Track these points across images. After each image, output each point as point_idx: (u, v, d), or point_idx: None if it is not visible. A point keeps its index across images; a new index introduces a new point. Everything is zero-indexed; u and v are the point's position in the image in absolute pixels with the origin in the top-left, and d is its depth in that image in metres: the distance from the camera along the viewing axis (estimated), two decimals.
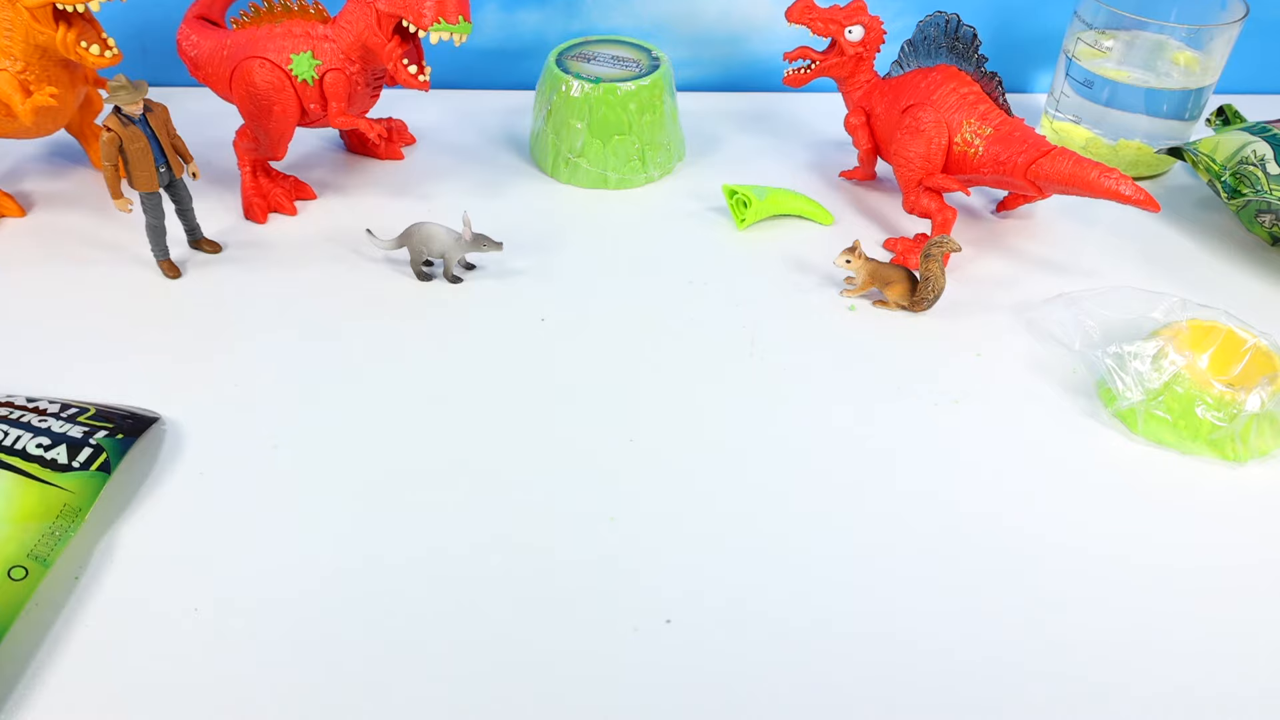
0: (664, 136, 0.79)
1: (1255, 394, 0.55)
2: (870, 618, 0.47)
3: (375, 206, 0.76)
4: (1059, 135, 0.85)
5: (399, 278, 0.68)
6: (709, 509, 0.52)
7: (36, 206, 0.74)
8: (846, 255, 0.66)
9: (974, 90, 0.69)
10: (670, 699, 0.44)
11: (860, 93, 0.76)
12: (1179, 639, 0.47)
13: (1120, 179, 0.64)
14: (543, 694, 0.43)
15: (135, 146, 0.61)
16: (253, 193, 0.73)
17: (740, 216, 0.75)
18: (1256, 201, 0.71)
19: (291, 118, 0.70)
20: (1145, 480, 0.55)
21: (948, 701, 0.44)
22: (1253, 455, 0.56)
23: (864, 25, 0.73)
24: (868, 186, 0.81)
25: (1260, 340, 0.58)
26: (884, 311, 0.67)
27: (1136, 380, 0.57)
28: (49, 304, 0.64)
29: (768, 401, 0.59)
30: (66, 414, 0.53)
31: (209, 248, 0.70)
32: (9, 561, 0.45)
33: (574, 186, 0.79)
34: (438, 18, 0.65)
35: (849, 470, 0.55)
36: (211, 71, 0.72)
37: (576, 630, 0.46)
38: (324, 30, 0.68)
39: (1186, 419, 0.56)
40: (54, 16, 0.64)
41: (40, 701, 0.42)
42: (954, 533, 0.52)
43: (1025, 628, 0.47)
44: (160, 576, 0.48)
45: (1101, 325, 0.63)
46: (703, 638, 0.46)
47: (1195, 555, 0.51)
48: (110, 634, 0.45)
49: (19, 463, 0.49)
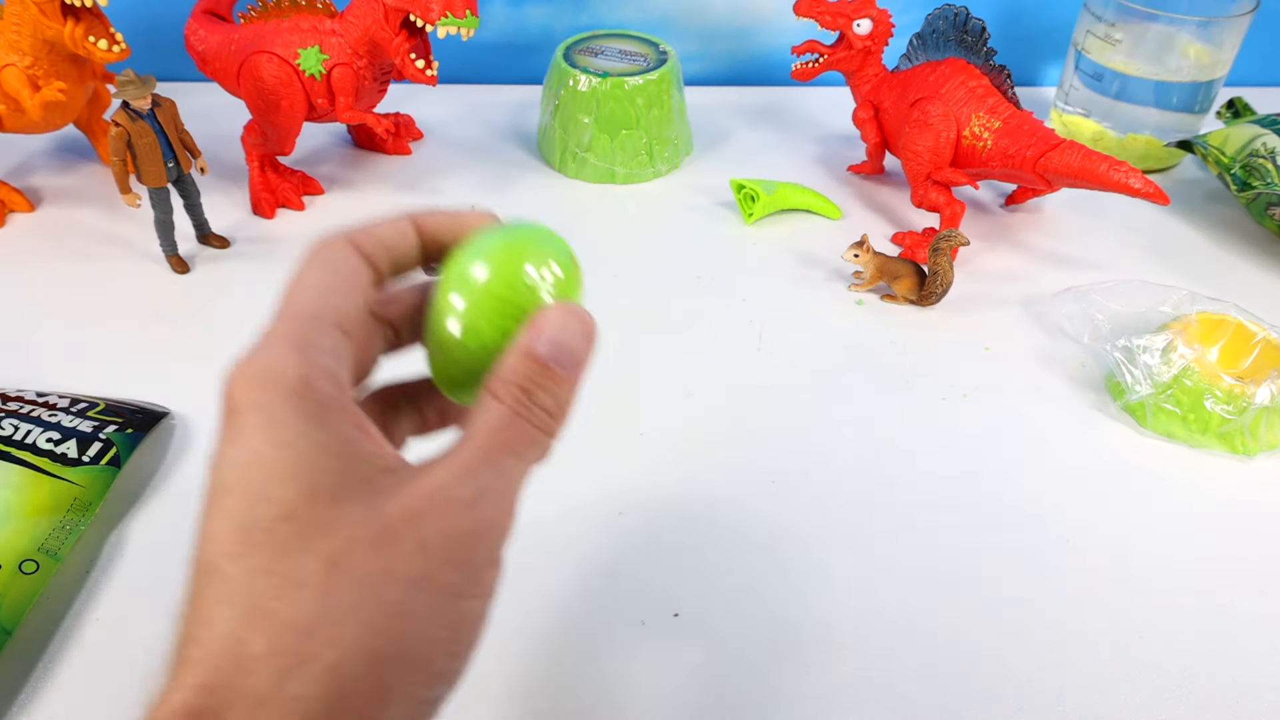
0: (671, 131, 0.79)
1: (1265, 387, 0.55)
2: (877, 610, 0.47)
3: (383, 201, 0.76)
4: (1068, 128, 0.84)
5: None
6: (717, 502, 0.52)
7: (45, 201, 0.74)
8: (855, 249, 0.66)
9: (982, 84, 0.69)
10: (678, 692, 0.44)
11: (868, 86, 0.76)
12: (1188, 632, 0.47)
13: (1129, 172, 0.64)
14: (544, 691, 0.43)
15: (143, 142, 0.61)
16: (260, 188, 0.73)
17: (748, 211, 0.75)
18: (1266, 194, 0.71)
19: (299, 113, 0.70)
20: (1154, 474, 0.55)
21: (956, 691, 0.44)
22: (1262, 448, 0.56)
23: (872, 19, 0.72)
24: (876, 180, 0.80)
25: (1270, 333, 0.58)
26: (892, 306, 0.67)
27: (1146, 374, 0.57)
28: (58, 299, 0.65)
29: (775, 395, 0.59)
30: (76, 409, 0.53)
31: (217, 243, 0.70)
32: (20, 555, 0.45)
33: (581, 181, 0.79)
34: (445, 12, 0.65)
35: (856, 464, 0.55)
36: (219, 66, 0.72)
37: (583, 623, 0.46)
38: (331, 25, 0.69)
39: (1196, 412, 0.56)
40: (62, 11, 0.64)
41: (52, 694, 0.43)
42: (962, 526, 0.52)
43: (1033, 621, 0.47)
44: (170, 570, 0.48)
45: (1110, 319, 0.63)
46: (710, 631, 0.46)
47: (1204, 548, 0.51)
48: (121, 627, 0.45)
49: (30, 457, 0.49)
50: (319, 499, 0.27)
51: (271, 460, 0.28)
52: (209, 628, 0.27)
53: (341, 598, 0.26)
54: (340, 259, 0.32)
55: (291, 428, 0.28)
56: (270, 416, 0.28)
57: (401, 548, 0.27)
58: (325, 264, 0.32)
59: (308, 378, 0.29)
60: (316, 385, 0.29)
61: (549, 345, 0.31)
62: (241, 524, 0.27)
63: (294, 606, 0.26)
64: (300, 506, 0.27)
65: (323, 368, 0.29)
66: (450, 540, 0.28)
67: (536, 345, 0.31)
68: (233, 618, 0.26)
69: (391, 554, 0.27)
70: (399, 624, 0.27)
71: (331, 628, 0.26)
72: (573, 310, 0.31)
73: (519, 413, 0.30)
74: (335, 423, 0.28)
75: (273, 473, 0.27)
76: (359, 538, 0.27)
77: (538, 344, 0.31)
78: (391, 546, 0.27)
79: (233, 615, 0.26)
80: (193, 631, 0.27)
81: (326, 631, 0.26)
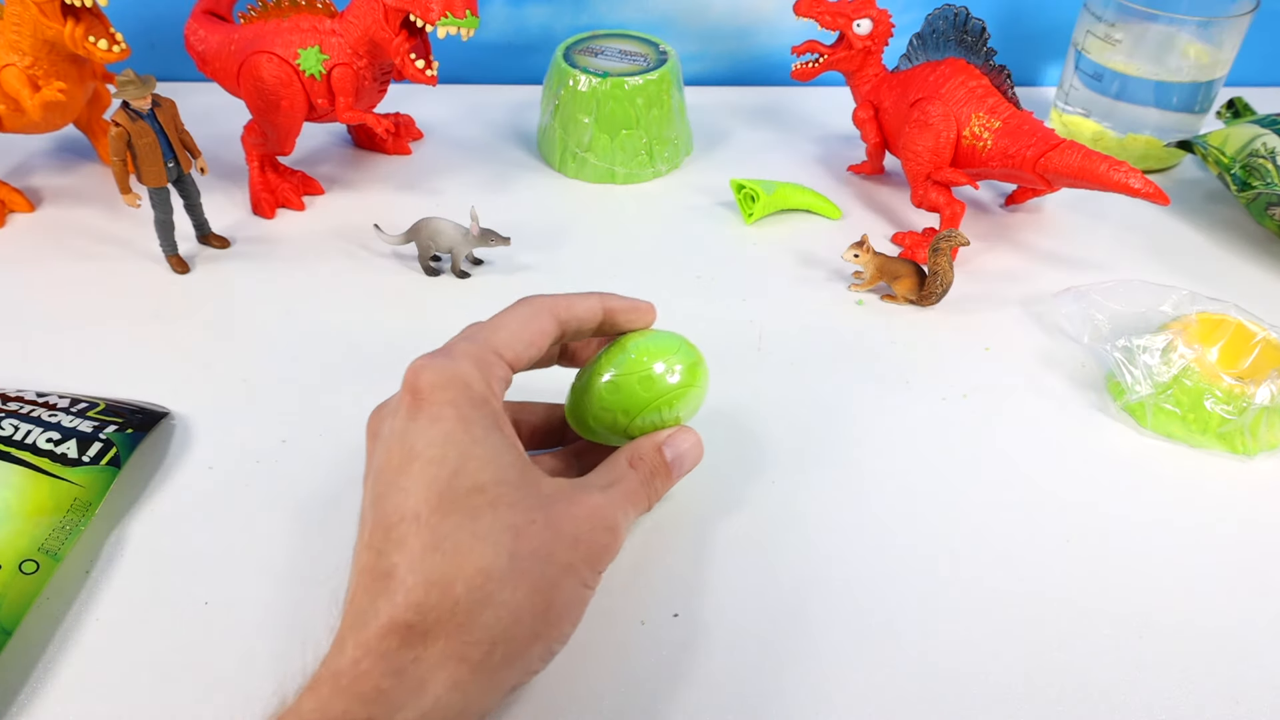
0: (671, 131, 0.79)
1: (1265, 387, 0.55)
2: (877, 609, 0.47)
3: (383, 202, 0.76)
4: (1068, 128, 0.84)
5: (406, 273, 0.68)
6: (717, 502, 0.52)
7: (45, 201, 0.74)
8: (854, 249, 0.66)
9: (982, 84, 0.69)
10: (678, 692, 0.44)
11: (868, 86, 0.76)
12: (1188, 632, 0.47)
13: (1129, 172, 0.64)
14: (544, 691, 0.43)
15: (143, 142, 0.61)
16: (260, 188, 0.73)
17: (748, 211, 0.75)
18: (1266, 194, 0.71)
19: (299, 113, 0.70)
20: (1154, 474, 0.55)
21: (956, 691, 0.44)
22: (1262, 449, 0.56)
23: (872, 19, 0.72)
24: (876, 180, 0.80)
25: (1270, 333, 0.58)
26: (892, 306, 0.67)
27: (1145, 374, 0.57)
28: (58, 299, 0.65)
29: (775, 395, 0.59)
30: (76, 409, 0.53)
31: (217, 243, 0.70)
32: (20, 555, 0.45)
33: (581, 181, 0.79)
34: (445, 12, 0.65)
35: (855, 465, 0.55)
36: (219, 66, 0.72)
37: (583, 623, 0.46)
38: (331, 25, 0.69)
39: (1196, 412, 0.56)
40: (62, 11, 0.64)
41: (52, 694, 0.42)
42: (961, 526, 0.52)
43: (1032, 620, 0.47)
44: (170, 570, 0.48)
45: (1110, 319, 0.63)
46: (710, 631, 0.46)
47: (1204, 548, 0.51)
48: (121, 627, 0.45)
49: (29, 457, 0.49)
50: (504, 483, 0.36)
51: (467, 445, 0.36)
52: (413, 562, 0.34)
53: (521, 559, 0.34)
54: (536, 317, 0.42)
55: (479, 425, 0.36)
56: (461, 412, 0.36)
57: (564, 538, 0.36)
58: (524, 318, 0.42)
59: (487, 394, 0.38)
60: (492, 401, 0.38)
61: (674, 453, 0.45)
62: (441, 489, 0.35)
63: (487, 559, 0.34)
64: (490, 485, 0.35)
65: (495, 391, 0.39)
66: (594, 546, 0.38)
67: (667, 449, 0.45)
68: (440, 559, 0.33)
69: (557, 538, 0.36)
70: (552, 588, 0.35)
71: (514, 578, 0.34)
72: (697, 441, 0.46)
73: (645, 482, 0.43)
74: (507, 432, 0.38)
75: (468, 455, 0.35)
76: (535, 519, 0.36)
77: (668, 448, 0.45)
78: (558, 533, 0.36)
79: (440, 557, 0.33)
80: (392, 561, 0.34)
81: (511, 580, 0.34)
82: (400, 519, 0.34)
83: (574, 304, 0.44)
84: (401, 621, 0.33)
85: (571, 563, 0.36)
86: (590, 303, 0.45)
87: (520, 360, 0.41)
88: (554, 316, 0.43)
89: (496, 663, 0.33)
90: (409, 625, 0.33)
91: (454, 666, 0.33)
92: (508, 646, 0.34)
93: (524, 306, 0.43)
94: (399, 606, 0.33)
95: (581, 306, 0.44)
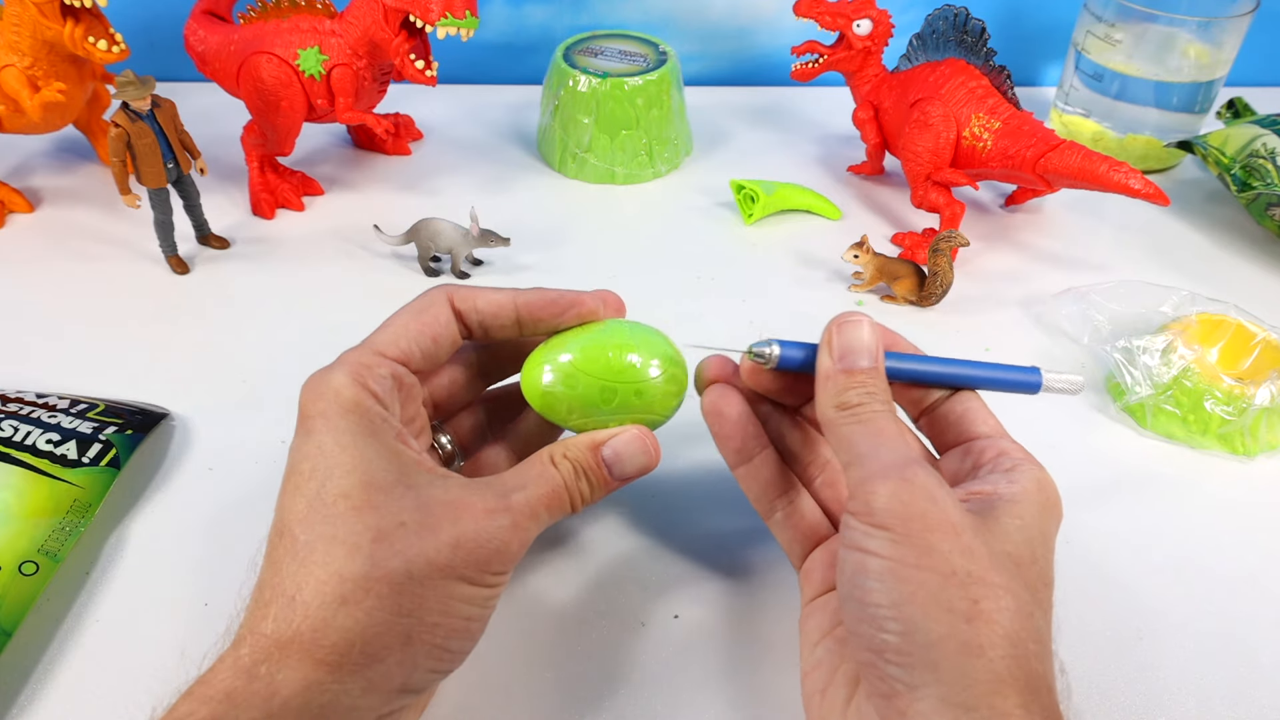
0: (671, 131, 0.79)
1: (1265, 388, 0.55)
2: None
3: (382, 202, 0.76)
4: (1068, 129, 0.84)
5: (406, 273, 0.68)
6: (717, 502, 0.52)
7: (44, 202, 0.74)
8: (854, 250, 0.66)
9: (982, 84, 0.69)
10: (678, 693, 0.44)
11: (868, 87, 0.76)
12: (1188, 632, 0.47)
13: (1129, 172, 0.64)
14: (543, 691, 0.43)
15: (143, 142, 0.61)
16: (260, 188, 0.73)
17: (748, 211, 0.75)
18: (1266, 194, 0.71)
19: (299, 113, 0.70)
20: (1154, 474, 0.55)
21: None
22: (1262, 449, 0.56)
23: (872, 19, 0.72)
24: (876, 181, 0.80)
25: (1270, 334, 0.58)
26: (892, 306, 0.67)
27: (1145, 375, 0.57)
28: (57, 299, 0.65)
29: None
30: (76, 410, 0.53)
31: (217, 243, 0.70)
32: (20, 557, 0.45)
33: (581, 182, 0.79)
34: (445, 12, 0.65)
35: None
36: (219, 67, 0.72)
37: (583, 624, 0.46)
38: (331, 25, 0.68)
39: (1196, 413, 0.56)
40: (61, 12, 0.64)
41: (52, 695, 0.42)
42: None
43: None
44: (170, 571, 0.48)
45: (1110, 319, 0.63)
46: (711, 633, 0.46)
47: (1204, 550, 0.51)
48: (121, 628, 0.45)
49: (29, 458, 0.49)
50: (371, 488, 0.36)
51: (335, 454, 0.36)
52: (273, 575, 0.35)
53: (384, 561, 0.34)
54: (429, 308, 0.42)
55: (347, 433, 0.37)
56: (330, 423, 0.37)
57: (441, 539, 0.35)
58: (415, 310, 0.42)
59: (358, 399, 0.38)
60: (365, 405, 0.38)
61: (613, 452, 0.41)
62: (310, 500, 0.35)
63: (340, 562, 0.34)
64: (355, 490, 0.35)
65: (372, 393, 0.38)
66: (480, 549, 0.36)
67: (604, 447, 0.41)
68: (295, 568, 0.34)
69: (430, 540, 0.35)
70: (422, 589, 0.35)
71: (375, 580, 0.34)
72: (645, 439, 0.42)
73: (566, 484, 0.40)
74: (382, 434, 0.37)
75: (336, 464, 0.36)
76: (405, 521, 0.35)
77: (605, 447, 0.41)
78: (433, 534, 0.35)
79: (295, 567, 0.34)
80: (262, 578, 0.35)
81: (369, 582, 0.34)
82: (277, 535, 0.36)
83: (477, 295, 0.42)
84: (260, 633, 0.34)
85: (450, 564, 0.35)
86: (497, 296, 0.43)
87: (412, 354, 0.40)
88: (449, 306, 0.42)
89: (357, 662, 0.33)
90: (264, 635, 0.33)
91: (309, 669, 0.33)
92: (369, 646, 0.33)
93: (419, 298, 0.42)
94: (257, 619, 0.34)
95: (485, 299, 0.42)
